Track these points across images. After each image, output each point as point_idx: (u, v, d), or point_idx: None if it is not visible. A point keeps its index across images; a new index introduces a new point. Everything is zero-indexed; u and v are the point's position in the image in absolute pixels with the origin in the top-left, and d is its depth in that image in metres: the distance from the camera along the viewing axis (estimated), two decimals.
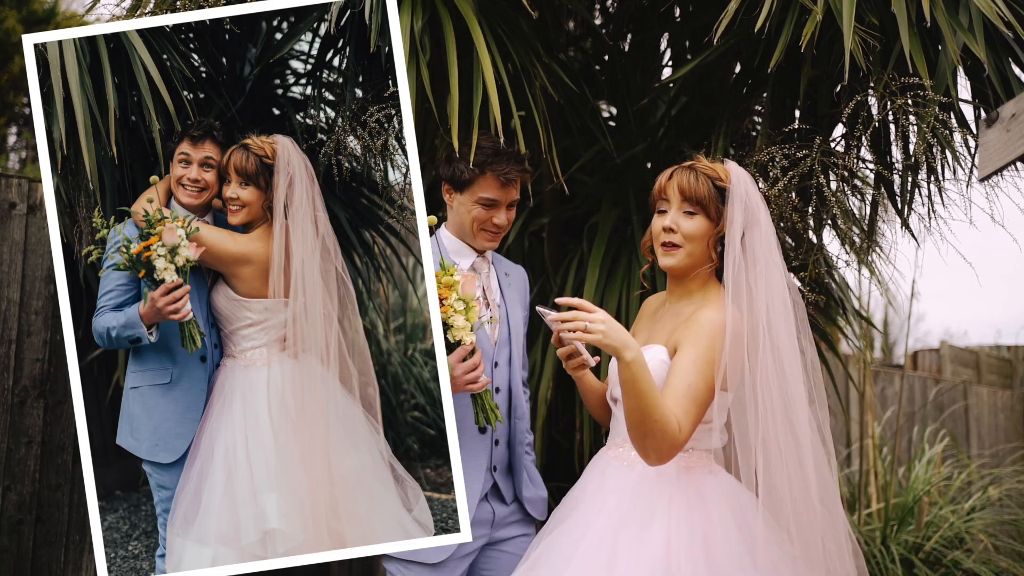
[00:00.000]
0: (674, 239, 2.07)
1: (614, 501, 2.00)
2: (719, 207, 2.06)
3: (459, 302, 2.13)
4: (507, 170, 2.29)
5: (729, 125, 2.86)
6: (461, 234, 2.38)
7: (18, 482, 2.98)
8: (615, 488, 2.03)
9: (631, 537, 1.92)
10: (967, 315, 26.85)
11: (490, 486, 2.33)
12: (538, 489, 2.44)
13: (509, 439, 2.39)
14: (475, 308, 2.15)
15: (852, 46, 2.26)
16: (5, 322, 3.01)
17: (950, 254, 2.67)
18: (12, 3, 9.25)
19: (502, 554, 2.36)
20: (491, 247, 2.38)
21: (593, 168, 3.41)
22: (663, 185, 2.11)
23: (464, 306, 2.14)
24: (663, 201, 2.11)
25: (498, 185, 2.30)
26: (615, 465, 2.09)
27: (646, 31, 3.54)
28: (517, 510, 2.40)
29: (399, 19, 2.30)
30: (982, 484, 4.72)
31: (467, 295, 2.14)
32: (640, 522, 1.94)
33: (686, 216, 2.07)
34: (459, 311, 2.13)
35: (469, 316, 2.14)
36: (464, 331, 2.13)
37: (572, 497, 2.12)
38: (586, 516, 2.00)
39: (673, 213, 2.08)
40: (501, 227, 2.35)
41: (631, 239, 3.12)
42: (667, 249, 2.09)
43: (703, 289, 2.12)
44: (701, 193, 2.05)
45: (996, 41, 2.49)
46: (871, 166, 2.81)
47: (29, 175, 3.12)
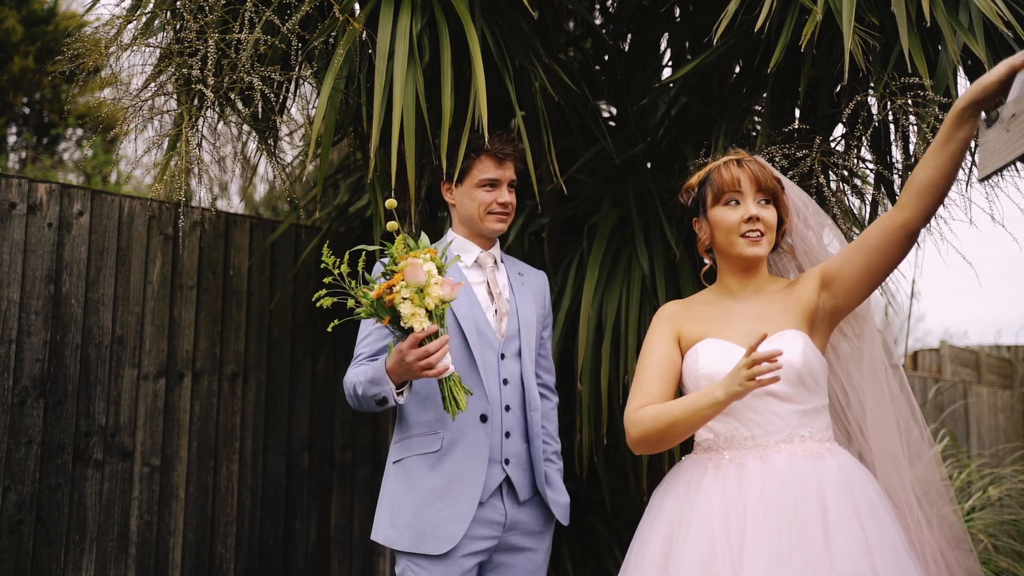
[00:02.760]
0: (760, 227, 2.04)
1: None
2: (780, 194, 2.10)
3: (406, 288, 2.01)
4: (500, 147, 2.37)
5: (729, 125, 2.86)
6: (470, 224, 2.42)
7: (18, 482, 2.98)
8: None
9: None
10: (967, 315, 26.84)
11: (502, 479, 2.31)
12: (560, 495, 2.42)
13: (525, 432, 2.38)
14: (431, 294, 2.03)
15: (852, 46, 2.26)
16: (5, 322, 3.01)
17: (950, 254, 2.67)
18: (12, 3, 9.25)
19: (511, 569, 2.34)
20: (501, 229, 2.42)
21: (593, 168, 3.41)
22: (735, 176, 2.06)
23: (413, 292, 2.03)
24: (734, 193, 2.06)
25: (495, 163, 2.37)
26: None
27: (646, 31, 3.54)
28: (534, 517, 2.36)
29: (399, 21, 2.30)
30: (982, 484, 4.71)
31: (416, 282, 2.01)
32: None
33: (763, 206, 2.06)
34: (406, 298, 2.03)
35: (421, 303, 2.04)
36: (415, 319, 2.04)
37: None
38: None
39: (750, 204, 2.05)
40: (507, 207, 2.40)
41: (631, 239, 3.12)
42: (752, 240, 2.04)
43: (770, 275, 2.14)
44: (772, 180, 2.07)
45: (996, 41, 2.49)
46: (871, 166, 2.81)
47: (29, 175, 3.12)
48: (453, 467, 2.26)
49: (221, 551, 3.41)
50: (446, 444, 2.27)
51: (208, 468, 3.40)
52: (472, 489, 2.26)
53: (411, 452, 2.29)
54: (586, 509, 3.41)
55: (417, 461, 2.28)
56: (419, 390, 2.30)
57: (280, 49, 2.50)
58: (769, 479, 1.88)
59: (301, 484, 3.64)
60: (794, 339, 1.96)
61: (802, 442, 1.93)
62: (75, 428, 3.11)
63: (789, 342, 1.95)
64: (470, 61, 2.53)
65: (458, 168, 2.37)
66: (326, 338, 3.75)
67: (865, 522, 1.82)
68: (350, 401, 2.29)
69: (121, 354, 3.23)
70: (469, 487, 2.26)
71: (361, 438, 3.81)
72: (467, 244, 2.43)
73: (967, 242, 2.69)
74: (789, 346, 1.94)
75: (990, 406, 8.27)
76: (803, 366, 1.93)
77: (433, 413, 2.29)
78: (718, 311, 2.10)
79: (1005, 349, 9.94)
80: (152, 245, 3.35)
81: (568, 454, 3.24)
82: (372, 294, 2.03)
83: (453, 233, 2.46)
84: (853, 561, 1.75)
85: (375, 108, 2.41)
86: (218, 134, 2.86)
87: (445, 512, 2.24)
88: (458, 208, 2.42)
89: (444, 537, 2.22)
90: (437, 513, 2.23)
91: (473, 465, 2.27)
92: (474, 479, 2.26)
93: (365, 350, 2.31)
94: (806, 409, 1.96)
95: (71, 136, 10.28)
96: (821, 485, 1.85)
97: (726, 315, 2.08)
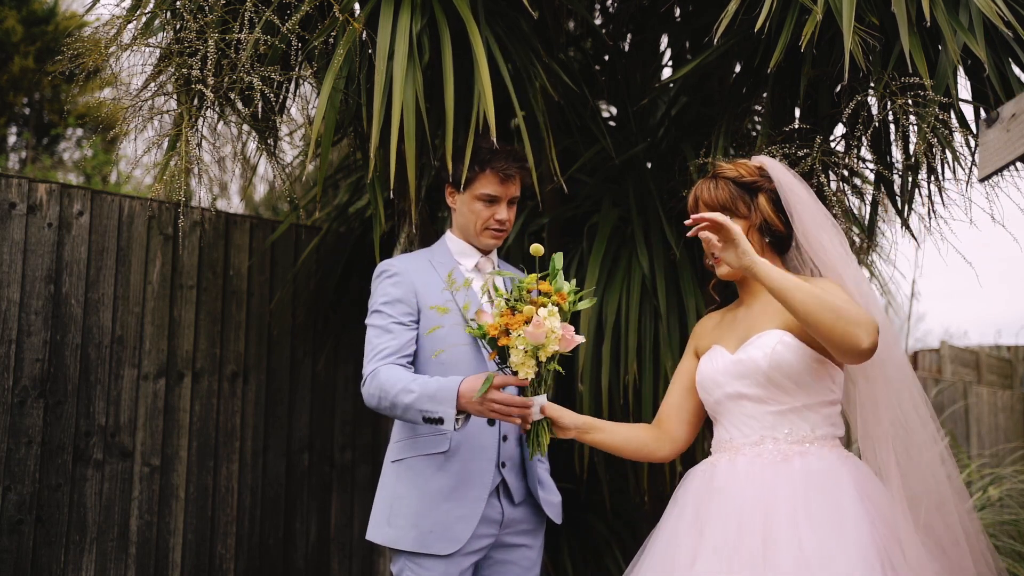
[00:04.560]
0: (717, 251, 2.01)
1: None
2: (748, 201, 2.06)
3: (522, 340, 1.94)
4: (506, 166, 2.34)
5: (729, 125, 2.86)
6: (465, 234, 2.41)
7: (18, 482, 2.98)
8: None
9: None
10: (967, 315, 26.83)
11: (499, 482, 2.32)
12: (552, 494, 2.43)
13: (519, 436, 2.38)
14: (548, 350, 1.95)
15: (852, 46, 2.26)
16: (5, 322, 3.01)
17: (950, 254, 2.67)
18: (12, 3, 9.25)
19: (507, 565, 2.35)
20: (495, 245, 2.41)
21: (593, 168, 3.41)
22: (691, 204, 2.11)
23: (528, 348, 1.96)
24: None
25: (498, 181, 2.35)
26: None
27: (646, 31, 3.54)
28: (527, 516, 2.38)
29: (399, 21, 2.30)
30: (982, 484, 4.71)
31: (535, 342, 1.93)
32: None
33: None
34: (519, 347, 1.96)
35: (534, 355, 1.96)
36: (523, 367, 1.98)
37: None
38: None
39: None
40: (504, 224, 2.38)
41: (631, 239, 3.12)
42: (716, 261, 2.06)
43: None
44: (723, 198, 2.05)
45: (996, 41, 2.49)
46: (871, 166, 2.81)
47: (29, 175, 3.12)
48: (461, 468, 2.26)
49: (221, 551, 3.41)
50: (454, 445, 2.27)
51: (208, 468, 3.40)
52: (480, 490, 2.26)
53: (416, 452, 2.28)
54: (586, 509, 3.41)
55: (423, 461, 2.27)
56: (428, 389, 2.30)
57: (280, 49, 2.49)
58: (730, 482, 1.92)
59: (301, 484, 3.64)
60: (768, 339, 1.96)
61: (774, 443, 1.94)
62: (75, 428, 3.11)
63: (762, 342, 1.96)
64: (471, 61, 2.53)
65: (464, 175, 2.36)
66: (326, 338, 3.75)
67: (812, 529, 1.78)
68: (372, 400, 2.21)
69: (121, 354, 3.23)
70: (477, 488, 2.26)
71: (361, 438, 3.81)
72: (466, 248, 2.42)
73: (967, 242, 2.69)
74: (758, 347, 1.96)
75: (990, 406, 8.27)
76: (770, 367, 1.93)
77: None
78: (727, 320, 2.15)
79: (1005, 349, 9.94)
80: (152, 245, 3.34)
81: (568, 454, 3.24)
82: (487, 328, 1.97)
83: (452, 236, 2.45)
84: (779, 569, 1.74)
85: (375, 108, 2.41)
86: (218, 134, 2.86)
87: (453, 513, 2.24)
88: (457, 214, 2.42)
89: (452, 537, 2.23)
90: (445, 514, 2.23)
91: (481, 466, 2.28)
92: (481, 480, 2.27)
93: (390, 344, 2.24)
94: (783, 409, 1.95)
95: (71, 136, 10.28)
96: (774, 490, 1.86)
97: (731, 323, 2.13)
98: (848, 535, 1.77)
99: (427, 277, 2.35)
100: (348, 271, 3.68)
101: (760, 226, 2.05)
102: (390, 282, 2.33)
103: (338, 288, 3.70)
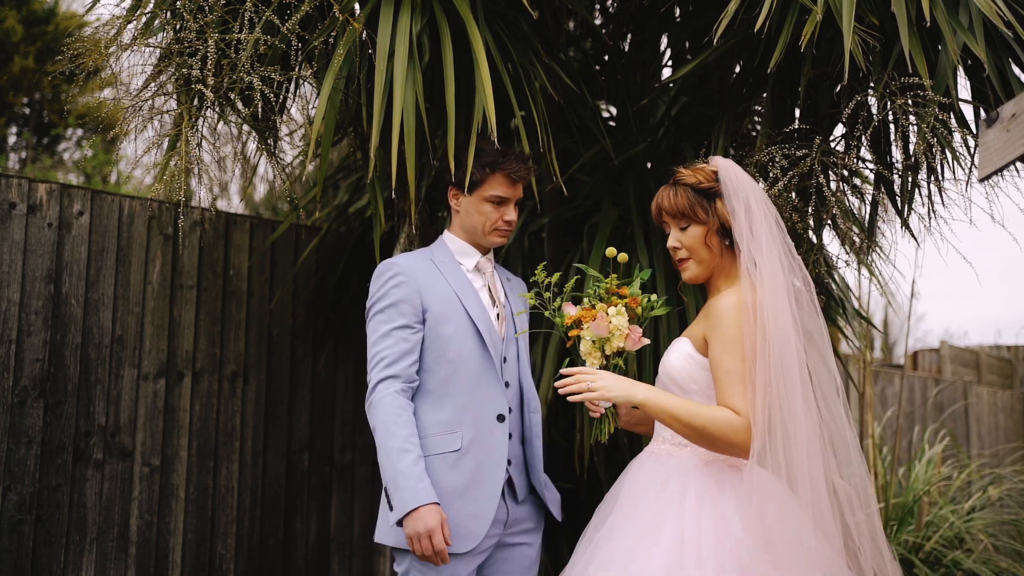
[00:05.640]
0: (681, 255, 2.17)
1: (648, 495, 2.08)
2: (706, 206, 2.13)
3: (589, 332, 2.13)
4: (517, 168, 2.38)
5: (729, 125, 2.86)
6: (470, 234, 2.43)
7: (18, 482, 2.98)
8: (646, 482, 2.10)
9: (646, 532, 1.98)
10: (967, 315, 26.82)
11: (505, 480, 2.32)
12: (552, 491, 2.46)
13: (523, 433, 2.40)
14: (613, 346, 2.13)
15: (852, 46, 2.26)
16: (5, 322, 3.01)
17: (950, 254, 2.67)
18: (12, 3, 9.25)
19: (508, 564, 2.36)
20: (502, 244, 2.46)
21: (593, 168, 3.41)
22: (654, 211, 2.22)
23: (596, 340, 2.14)
24: (663, 225, 2.22)
25: (508, 183, 2.38)
26: (647, 459, 2.18)
27: (646, 31, 3.54)
28: (528, 514, 2.40)
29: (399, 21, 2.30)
30: (982, 484, 4.72)
31: (599, 336, 2.12)
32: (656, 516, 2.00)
33: (682, 231, 2.16)
34: (587, 338, 2.14)
35: (600, 346, 2.14)
36: (590, 356, 2.15)
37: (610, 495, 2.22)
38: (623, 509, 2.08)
39: (672, 232, 2.18)
40: (511, 224, 2.42)
41: (631, 239, 3.12)
42: (680, 265, 2.19)
43: (728, 281, 2.16)
44: (682, 205, 2.14)
45: (996, 41, 2.49)
46: (871, 166, 2.81)
47: (29, 175, 3.12)
48: (474, 466, 2.27)
49: (221, 551, 3.41)
50: (466, 443, 2.28)
51: (208, 468, 3.40)
52: (492, 486, 2.28)
53: (426, 452, 2.26)
54: (586, 508, 3.40)
55: (434, 461, 2.26)
56: (434, 389, 2.30)
57: (280, 49, 2.49)
58: (629, 474, 2.17)
59: (301, 484, 3.64)
60: (676, 345, 2.16)
61: (660, 443, 2.15)
62: (75, 428, 3.11)
63: (673, 348, 2.16)
64: (471, 61, 2.53)
65: (468, 178, 2.36)
66: (326, 338, 3.75)
67: (629, 519, 2.01)
68: (369, 419, 2.27)
69: (121, 354, 3.23)
70: (489, 484, 2.27)
71: (361, 438, 3.81)
72: (467, 248, 2.44)
73: (967, 242, 2.69)
74: (668, 352, 2.16)
75: (990, 406, 8.27)
76: (665, 372, 2.14)
77: (449, 412, 2.29)
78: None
79: (1005, 349, 9.94)
80: (152, 245, 3.35)
81: (568, 454, 3.24)
82: (565, 320, 2.17)
83: (451, 235, 2.46)
84: (602, 552, 1.99)
85: (375, 108, 2.41)
86: (218, 134, 2.86)
87: (466, 511, 2.24)
88: (462, 216, 2.42)
89: (467, 535, 2.23)
90: (459, 512, 2.23)
91: (493, 464, 2.29)
92: (493, 478, 2.28)
93: (389, 352, 2.27)
94: None
95: (71, 136, 10.29)
96: (632, 484, 2.10)
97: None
98: (667, 535, 1.94)
99: (431, 276, 2.36)
100: (348, 271, 3.68)
101: (718, 230, 2.13)
102: (393, 283, 2.33)
103: (338, 288, 3.70)
